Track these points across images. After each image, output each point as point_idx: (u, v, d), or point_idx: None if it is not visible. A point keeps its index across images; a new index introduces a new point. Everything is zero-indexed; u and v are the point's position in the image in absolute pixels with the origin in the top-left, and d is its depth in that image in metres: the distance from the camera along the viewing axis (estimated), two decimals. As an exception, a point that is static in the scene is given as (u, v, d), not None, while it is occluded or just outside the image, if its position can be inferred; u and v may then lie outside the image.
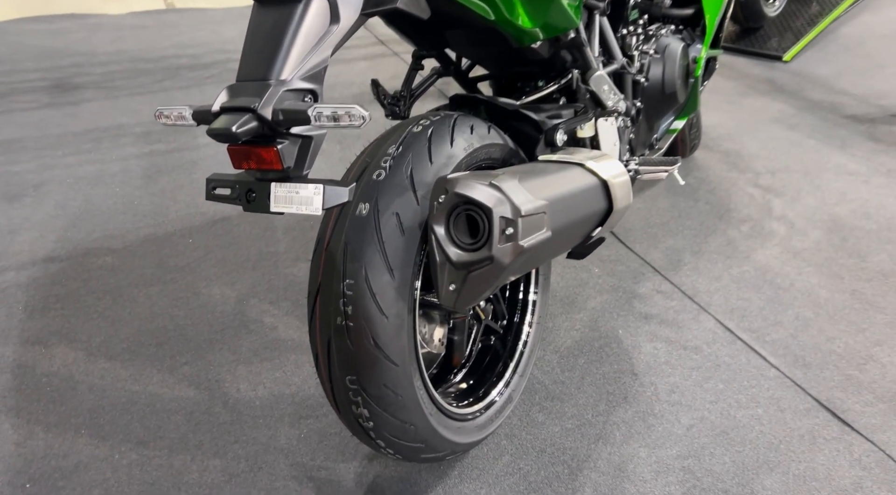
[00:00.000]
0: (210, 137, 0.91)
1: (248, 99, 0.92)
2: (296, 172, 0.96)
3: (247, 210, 0.98)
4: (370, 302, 1.09)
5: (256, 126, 0.91)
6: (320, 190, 0.93)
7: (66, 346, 1.80)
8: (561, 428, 1.52)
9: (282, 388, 1.66)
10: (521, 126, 1.45)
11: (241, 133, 0.89)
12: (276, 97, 0.92)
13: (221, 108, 0.94)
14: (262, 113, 0.91)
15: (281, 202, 0.95)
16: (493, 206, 0.99)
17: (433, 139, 1.20)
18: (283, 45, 0.95)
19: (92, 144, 3.14)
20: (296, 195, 0.94)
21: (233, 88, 0.96)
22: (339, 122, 0.89)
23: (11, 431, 1.53)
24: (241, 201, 0.98)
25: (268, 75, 0.94)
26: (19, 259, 2.21)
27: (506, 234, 1.00)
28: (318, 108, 0.89)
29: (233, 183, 0.99)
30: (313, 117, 0.90)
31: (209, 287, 2.04)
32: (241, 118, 0.90)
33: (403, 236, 1.11)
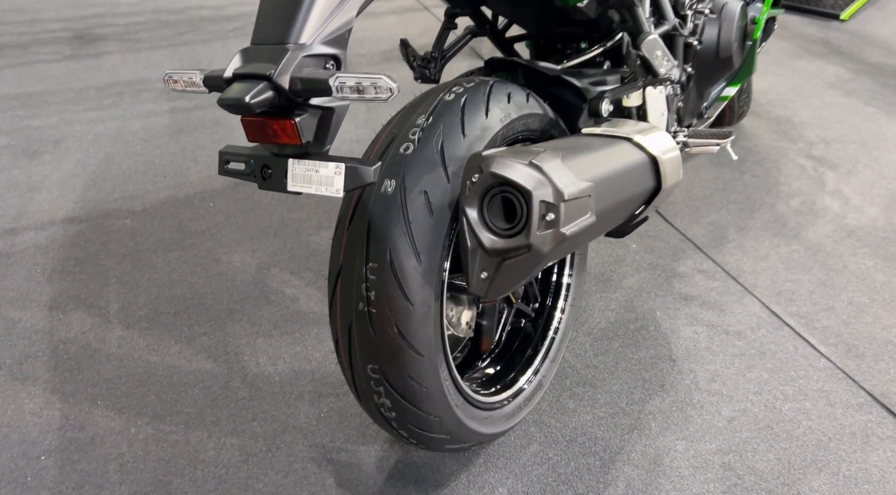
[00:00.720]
0: (221, 107, 0.81)
1: (264, 65, 0.82)
2: (315, 147, 0.86)
3: (262, 188, 0.89)
4: (395, 288, 1.01)
5: (272, 96, 0.81)
6: (342, 169, 0.83)
7: (84, 312, 1.76)
8: (593, 417, 1.44)
9: (302, 364, 1.60)
10: (562, 93, 1.33)
11: (255, 104, 0.80)
12: (295, 64, 0.82)
13: (234, 74, 0.84)
14: (278, 81, 0.81)
15: (299, 181, 0.86)
16: (533, 189, 0.89)
17: (467, 109, 1.09)
18: (303, 4, 0.84)
19: (113, 99, 3.07)
20: (315, 174, 0.85)
21: (247, 53, 0.86)
22: (364, 94, 0.78)
23: (28, 400, 1.50)
24: (255, 178, 0.89)
25: (285, 38, 0.84)
26: (39, 219, 2.16)
27: (546, 220, 0.89)
28: (340, 78, 0.79)
29: (247, 157, 0.89)
30: (335, 88, 0.79)
31: (229, 254, 1.98)
32: (256, 87, 0.80)
33: (432, 217, 1.01)
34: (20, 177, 2.41)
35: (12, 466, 1.34)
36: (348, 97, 0.80)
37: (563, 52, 1.58)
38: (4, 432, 1.42)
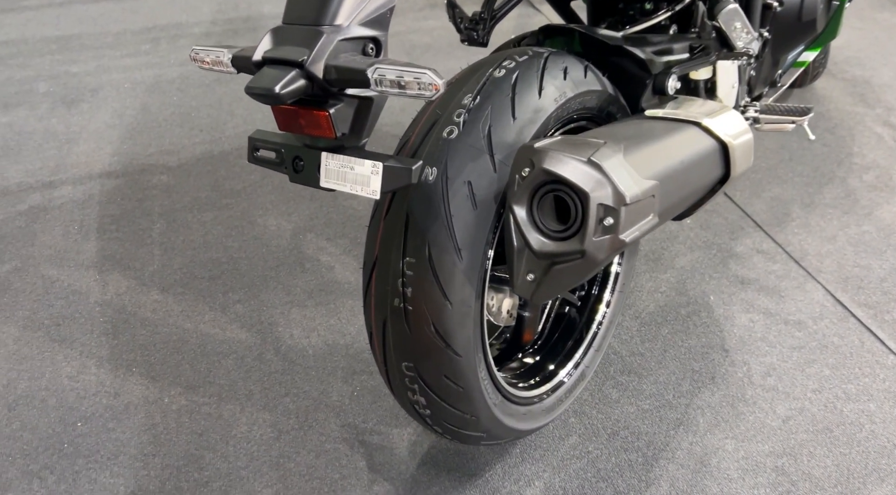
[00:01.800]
0: (249, 96, 0.73)
1: (296, 50, 0.73)
2: (351, 141, 0.78)
3: (293, 181, 0.82)
4: (433, 285, 0.93)
5: (305, 85, 0.72)
6: (379, 169, 0.75)
7: (120, 274, 1.74)
8: (637, 409, 1.37)
9: (336, 337, 1.56)
10: (623, 64, 1.20)
11: (285, 95, 0.71)
12: (330, 49, 0.73)
13: (264, 58, 0.75)
14: (311, 69, 0.72)
15: (332, 177, 0.78)
16: (591, 191, 0.79)
17: (518, 88, 0.98)
18: None
19: (150, 45, 3.00)
20: (350, 171, 0.77)
21: (279, 34, 0.77)
22: (406, 89, 0.69)
23: (65, 363, 1.50)
24: (286, 169, 0.81)
25: (320, 19, 0.74)
26: (76, 172, 2.14)
27: (604, 225, 0.80)
28: (379, 69, 0.70)
29: (278, 146, 0.82)
30: (373, 80, 0.70)
31: (265, 216, 1.93)
32: (287, 75, 0.71)
33: (475, 210, 0.93)
34: (58, 126, 2.39)
35: (49, 431, 1.35)
36: (387, 92, 0.70)
37: (624, 13, 1.43)
38: (43, 396, 1.42)
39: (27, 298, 1.67)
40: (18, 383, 1.45)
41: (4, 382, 1.45)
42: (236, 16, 3.29)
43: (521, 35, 1.32)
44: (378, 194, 0.76)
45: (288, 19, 0.78)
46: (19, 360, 1.50)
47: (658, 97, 1.17)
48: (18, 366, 1.49)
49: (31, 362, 1.50)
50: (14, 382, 1.45)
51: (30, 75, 2.73)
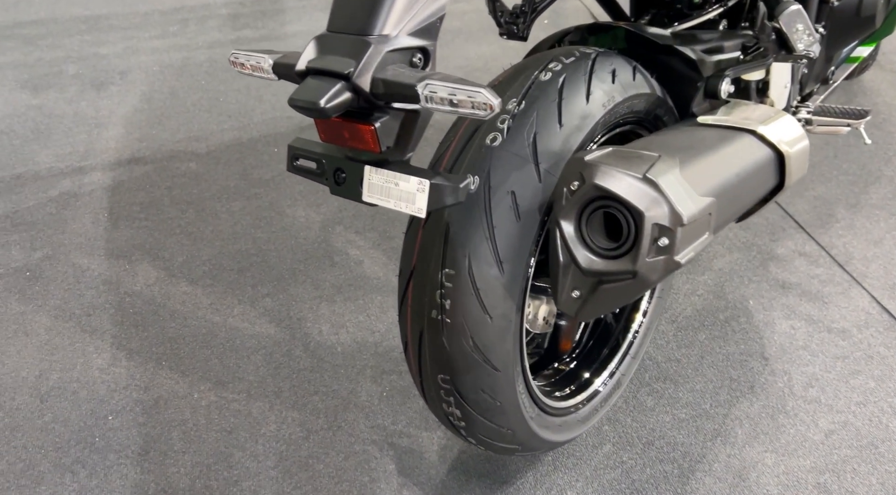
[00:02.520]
0: (292, 108, 0.70)
1: (342, 61, 0.69)
2: (395, 155, 0.74)
3: (334, 193, 0.78)
4: (472, 298, 0.90)
5: (350, 98, 0.69)
6: (425, 187, 0.71)
7: (149, 264, 1.74)
8: (673, 418, 1.34)
9: (365, 335, 1.54)
10: (672, 64, 1.14)
11: (330, 109, 0.68)
12: (378, 61, 0.69)
13: (308, 68, 0.72)
14: (357, 83, 0.69)
15: (376, 192, 0.75)
16: (646, 210, 0.75)
17: (565, 92, 0.94)
18: None
19: (178, 26, 2.97)
20: (394, 187, 0.73)
21: (323, 42, 0.73)
22: (459, 108, 0.65)
23: (96, 354, 1.50)
24: (327, 181, 0.78)
25: (367, 28, 0.71)
26: (105, 158, 2.14)
27: (658, 246, 0.76)
28: (430, 85, 0.66)
29: (319, 157, 0.78)
30: (423, 97, 0.66)
31: (293, 207, 1.91)
32: (332, 88, 0.68)
33: (518, 222, 0.89)
34: (88, 110, 2.38)
35: (81, 425, 1.35)
36: (437, 109, 0.67)
37: (670, 6, 1.37)
38: (74, 388, 1.43)
39: (58, 287, 1.67)
40: (50, 374, 1.45)
41: (36, 373, 1.45)
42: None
43: (564, 30, 1.27)
44: (424, 213, 0.72)
45: (333, 27, 0.74)
46: (51, 351, 1.51)
47: (709, 100, 1.11)
48: (50, 356, 1.49)
49: (63, 353, 1.50)
50: (46, 373, 1.45)
51: (59, 56, 2.73)
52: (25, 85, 2.52)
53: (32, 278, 1.69)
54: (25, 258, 1.75)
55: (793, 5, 1.04)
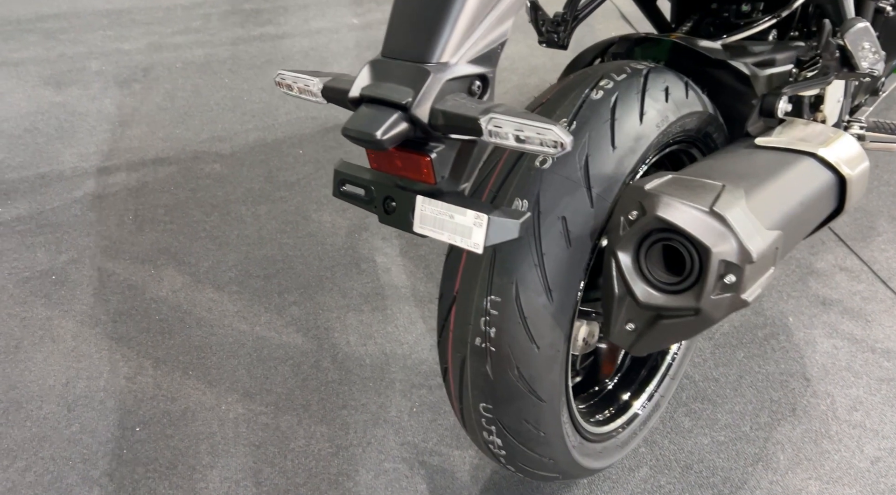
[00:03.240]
0: (346, 138, 0.67)
1: (399, 90, 0.65)
2: (450, 186, 0.71)
3: (383, 222, 0.75)
4: (519, 327, 0.87)
5: (407, 129, 0.65)
6: (483, 221, 0.68)
7: (175, 269, 1.72)
8: (711, 441, 1.30)
9: (393, 346, 1.51)
10: (724, 79, 1.10)
11: (387, 141, 0.64)
12: (437, 91, 0.65)
13: (363, 95, 0.68)
14: (416, 114, 0.65)
15: (428, 223, 0.71)
16: (713, 246, 0.71)
17: (618, 112, 0.90)
18: (450, 13, 0.66)
19: (201, 22, 2.94)
20: (448, 219, 0.70)
21: (378, 68, 0.70)
22: (526, 144, 0.61)
23: (122, 363, 1.49)
24: (376, 209, 0.75)
25: (426, 55, 0.67)
26: (129, 158, 2.12)
27: (724, 283, 0.72)
28: (495, 120, 0.62)
29: (367, 183, 0.75)
30: (487, 131, 0.63)
31: (319, 212, 1.88)
32: (388, 119, 0.64)
33: (569, 248, 0.85)
34: (111, 108, 2.36)
35: (108, 436, 1.34)
36: (502, 144, 0.63)
37: (716, 14, 1.32)
38: (101, 397, 1.41)
39: (84, 292, 1.65)
40: (77, 382, 1.44)
41: (63, 381, 1.44)
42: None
43: (607, 41, 1.22)
44: (480, 248, 0.69)
45: (388, 52, 0.70)
46: (77, 358, 1.49)
47: (763, 119, 1.07)
48: (77, 364, 1.48)
49: (90, 360, 1.49)
50: (73, 381, 1.44)
51: (82, 52, 2.71)
52: (48, 81, 2.51)
53: (58, 282, 1.67)
54: (51, 261, 1.73)
55: (860, 22, 0.99)
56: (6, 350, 1.50)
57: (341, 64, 2.58)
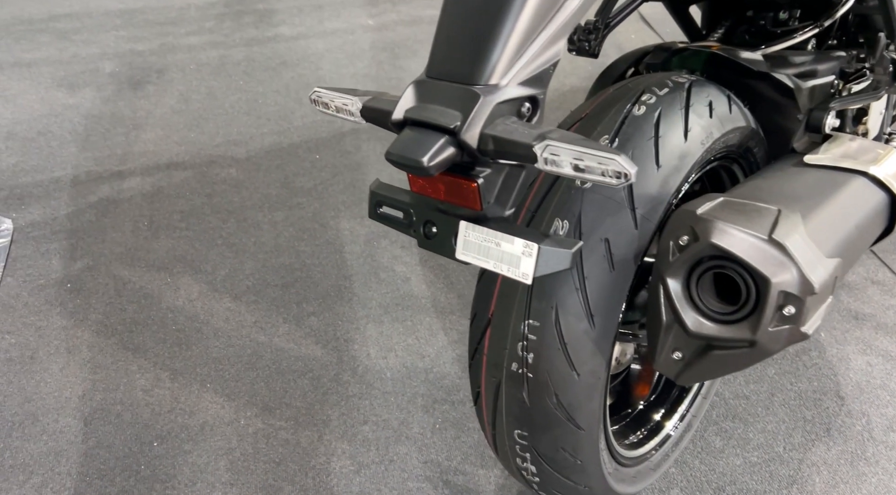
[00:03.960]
0: (389, 162, 0.63)
1: (447, 113, 0.62)
2: (495, 210, 0.67)
3: (423, 247, 0.72)
4: (559, 353, 0.83)
5: (455, 154, 0.62)
6: (533, 251, 0.64)
7: (191, 277, 1.69)
8: (744, 462, 1.27)
9: (414, 360, 1.48)
10: (765, 91, 1.06)
11: (435, 167, 0.61)
12: (487, 114, 0.62)
13: (407, 118, 0.65)
14: (465, 139, 0.62)
15: (472, 250, 0.68)
16: (772, 276, 0.67)
17: (662, 129, 0.86)
18: (501, 32, 0.62)
19: (214, 22, 2.91)
20: (494, 247, 0.66)
21: (423, 90, 0.66)
22: (585, 174, 0.58)
23: (139, 374, 1.46)
24: (415, 233, 0.72)
25: (474, 76, 0.63)
26: (144, 162, 2.09)
27: (783, 314, 0.68)
28: (551, 147, 0.58)
29: (406, 206, 0.72)
30: (542, 159, 0.59)
31: (337, 219, 1.85)
32: (435, 144, 0.61)
33: (612, 272, 0.82)
34: (125, 110, 2.34)
35: (126, 450, 1.31)
36: (558, 173, 0.59)
37: (752, 22, 1.27)
38: (118, 410, 1.38)
39: (100, 300, 1.63)
40: (94, 394, 1.41)
41: (80, 393, 1.41)
42: (300, -9, 3.17)
43: (642, 50, 1.18)
44: (529, 279, 0.66)
45: (434, 73, 0.66)
46: (94, 369, 1.47)
47: (808, 134, 1.03)
48: (93, 375, 1.45)
49: (106, 372, 1.46)
50: (90, 393, 1.41)
51: (95, 53, 2.69)
52: (62, 83, 2.48)
53: (74, 290, 1.65)
54: (66, 269, 1.71)
55: None
56: (21, 360, 1.48)
57: (356, 66, 2.55)
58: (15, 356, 1.49)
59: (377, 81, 2.46)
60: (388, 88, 2.41)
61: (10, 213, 1.87)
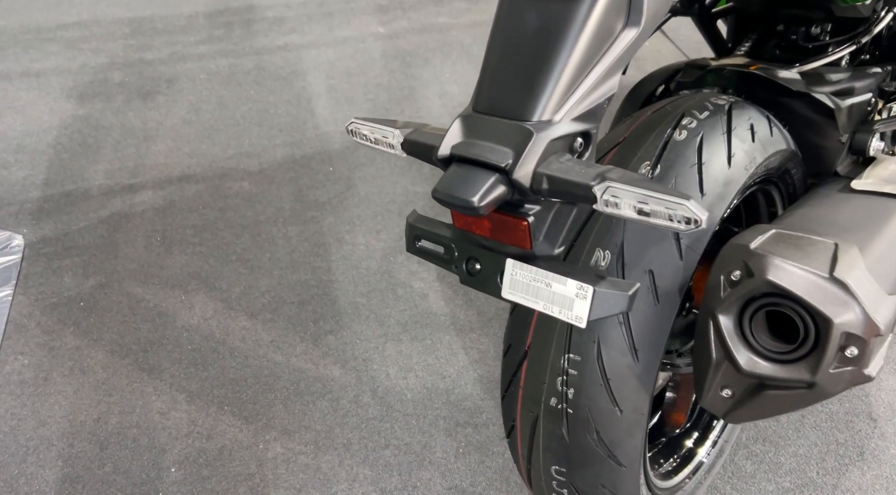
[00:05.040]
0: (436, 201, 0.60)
1: (497, 151, 0.59)
2: (544, 248, 0.64)
3: (465, 283, 0.69)
4: (601, 389, 0.80)
5: (506, 193, 0.59)
6: (588, 293, 0.61)
7: (206, 295, 1.66)
8: (776, 488, 1.23)
9: (435, 380, 1.45)
10: (802, 111, 1.03)
11: (485, 207, 0.58)
12: (541, 152, 0.59)
13: (455, 155, 0.62)
14: (518, 179, 0.59)
15: (519, 290, 0.65)
16: (834, 317, 0.64)
17: (705, 154, 0.83)
18: (554, 65, 0.59)
19: (223, 30, 2.89)
20: (544, 288, 0.63)
21: (471, 125, 0.63)
22: (651, 218, 0.55)
23: (154, 396, 1.43)
24: (457, 269, 0.69)
25: (525, 112, 0.60)
26: (155, 174, 2.06)
27: (845, 355, 0.66)
28: (613, 189, 0.55)
29: (448, 241, 0.69)
30: (603, 202, 0.56)
31: (352, 233, 1.82)
32: (485, 183, 0.58)
33: (657, 305, 0.79)
34: (135, 121, 2.31)
35: (143, 477, 1.28)
36: (619, 215, 0.57)
37: (783, 36, 1.24)
38: (134, 434, 1.36)
39: (113, 319, 1.60)
40: (109, 418, 1.38)
41: (95, 416, 1.39)
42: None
43: (672, 67, 1.16)
44: (584, 322, 0.63)
45: (482, 107, 0.63)
46: (109, 391, 1.44)
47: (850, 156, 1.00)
48: (108, 397, 1.43)
49: (121, 394, 1.43)
50: (105, 416, 1.39)
51: (104, 62, 2.66)
52: (71, 93, 2.46)
53: (87, 309, 1.62)
54: (78, 286, 1.68)
55: None
56: (35, 382, 1.45)
57: (368, 75, 2.52)
58: (29, 378, 1.46)
59: (389, 91, 2.43)
60: (400, 98, 2.39)
61: (20, 229, 1.85)
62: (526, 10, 0.61)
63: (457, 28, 2.84)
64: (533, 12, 0.60)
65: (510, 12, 0.62)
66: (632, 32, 0.62)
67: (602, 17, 0.60)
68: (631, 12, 0.62)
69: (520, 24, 0.61)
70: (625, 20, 0.62)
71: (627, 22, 0.62)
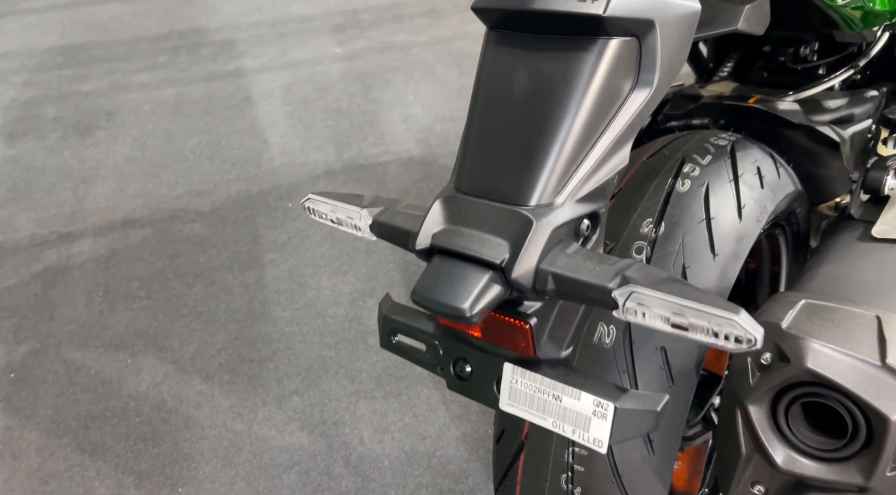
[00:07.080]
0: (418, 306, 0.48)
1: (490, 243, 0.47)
2: (548, 351, 0.52)
3: (453, 389, 0.57)
4: (613, 487, 0.69)
5: (503, 294, 0.47)
6: (608, 411, 0.50)
7: (155, 356, 1.51)
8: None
9: (414, 442, 1.33)
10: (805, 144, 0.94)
11: (478, 315, 0.46)
12: (543, 244, 0.47)
13: (435, 246, 0.50)
14: (518, 279, 0.47)
15: (521, 401, 0.53)
16: (892, 415, 0.54)
17: (713, 207, 0.73)
18: (554, 136, 0.48)
19: (168, 56, 2.72)
20: (553, 401, 0.52)
21: (455, 209, 0.51)
22: (689, 333, 0.44)
23: (98, 481, 1.27)
24: (442, 372, 0.56)
25: (522, 194, 0.48)
26: (95, 220, 1.89)
27: (905, 456, 0.56)
28: (638, 296, 0.44)
29: (431, 339, 0.56)
30: (626, 309, 0.45)
31: (316, 276, 1.69)
32: (477, 284, 0.46)
33: (671, 386, 0.68)
34: (72, 161, 2.13)
35: (86, 579, 1.13)
36: (646, 325, 0.45)
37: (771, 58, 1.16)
38: (74, 527, 1.20)
39: (49, 392, 1.43)
40: (45, 511, 1.22)
41: (29, 510, 1.22)
42: (261, 18, 3.00)
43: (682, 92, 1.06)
44: (604, 448, 0.51)
45: (467, 188, 0.51)
46: (45, 479, 1.27)
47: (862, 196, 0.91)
48: (44, 486, 1.26)
49: (59, 481, 1.27)
50: (40, 510, 1.22)
51: (36, 96, 2.47)
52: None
53: (18, 381, 1.45)
54: (8, 354, 1.51)
55: None
56: (-42, 473, 1.28)
57: (326, 99, 2.39)
58: (-50, 468, 1.29)
59: (350, 116, 2.30)
60: (362, 124, 2.26)
61: (-58, 290, 1.66)
62: (515, 67, 0.49)
63: (418, 46, 2.72)
64: (524, 70, 0.49)
65: (496, 69, 0.51)
66: (643, 93, 0.51)
67: (608, 77, 0.49)
68: (641, 70, 0.51)
69: (508, 85, 0.50)
70: (634, 79, 0.51)
71: (637, 81, 0.51)
